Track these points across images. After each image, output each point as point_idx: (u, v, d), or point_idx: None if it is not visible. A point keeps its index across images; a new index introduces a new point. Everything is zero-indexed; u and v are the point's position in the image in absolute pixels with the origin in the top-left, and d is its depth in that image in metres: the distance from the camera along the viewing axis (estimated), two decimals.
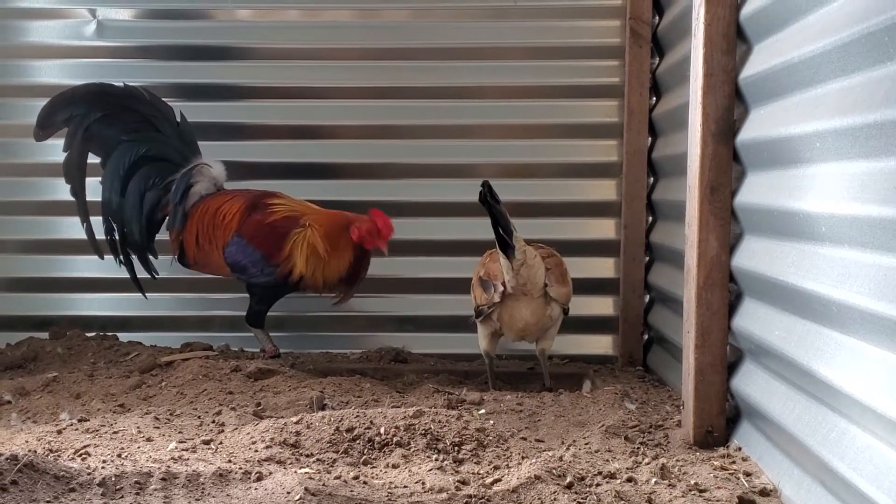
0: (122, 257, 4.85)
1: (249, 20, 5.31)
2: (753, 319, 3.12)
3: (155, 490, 2.78)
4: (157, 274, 4.91)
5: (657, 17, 4.98)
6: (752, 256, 3.12)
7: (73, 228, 4.89)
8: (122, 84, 4.83)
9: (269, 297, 4.79)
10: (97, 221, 4.85)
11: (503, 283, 4.16)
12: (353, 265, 4.69)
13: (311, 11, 5.28)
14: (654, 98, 5.03)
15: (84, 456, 3.10)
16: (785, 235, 2.87)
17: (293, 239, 4.63)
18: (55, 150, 4.84)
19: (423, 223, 5.24)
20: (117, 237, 4.84)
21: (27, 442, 3.30)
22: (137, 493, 2.76)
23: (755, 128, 3.12)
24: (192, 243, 4.75)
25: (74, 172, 4.81)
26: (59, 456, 3.10)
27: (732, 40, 3.22)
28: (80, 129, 4.77)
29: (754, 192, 3.13)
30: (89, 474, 2.86)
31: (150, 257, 4.89)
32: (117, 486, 2.80)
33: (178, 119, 4.87)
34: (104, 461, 3.02)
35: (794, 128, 2.78)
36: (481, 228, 5.03)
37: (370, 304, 4.91)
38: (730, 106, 3.23)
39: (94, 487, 2.78)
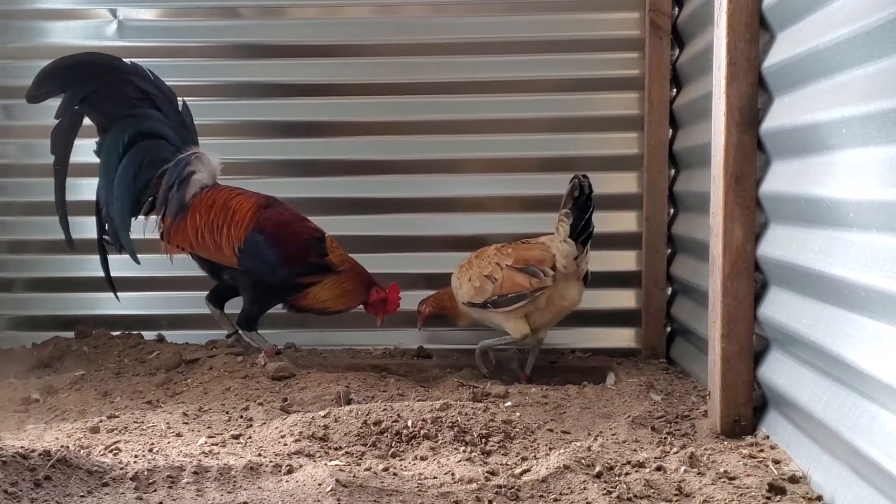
0: (110, 241, 4.76)
1: (266, 18, 5.33)
2: (780, 308, 3.12)
3: (187, 483, 2.80)
4: (139, 262, 4.81)
5: (677, 9, 4.97)
6: (778, 245, 3.12)
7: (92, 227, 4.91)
8: (129, 61, 4.79)
9: (266, 300, 4.77)
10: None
11: (552, 268, 4.35)
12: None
13: (330, 8, 5.29)
14: (675, 89, 5.03)
15: (115, 451, 3.12)
16: (811, 223, 2.87)
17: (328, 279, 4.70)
18: (77, 150, 4.85)
19: (447, 219, 5.27)
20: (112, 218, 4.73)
21: (57, 439, 3.33)
22: (170, 487, 2.78)
23: (780, 116, 3.12)
24: (190, 234, 4.66)
25: (62, 142, 4.70)
26: (90, 452, 3.12)
27: (755, 29, 3.22)
28: (77, 98, 4.67)
29: (779, 180, 3.13)
30: (122, 469, 2.88)
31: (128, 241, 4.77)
32: (150, 480, 2.82)
33: (181, 106, 4.82)
34: (136, 456, 3.05)
35: (820, 115, 2.79)
36: (504, 223, 5.15)
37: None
38: (754, 95, 3.23)
39: (127, 482, 2.80)
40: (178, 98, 4.82)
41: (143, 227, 4.76)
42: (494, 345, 4.65)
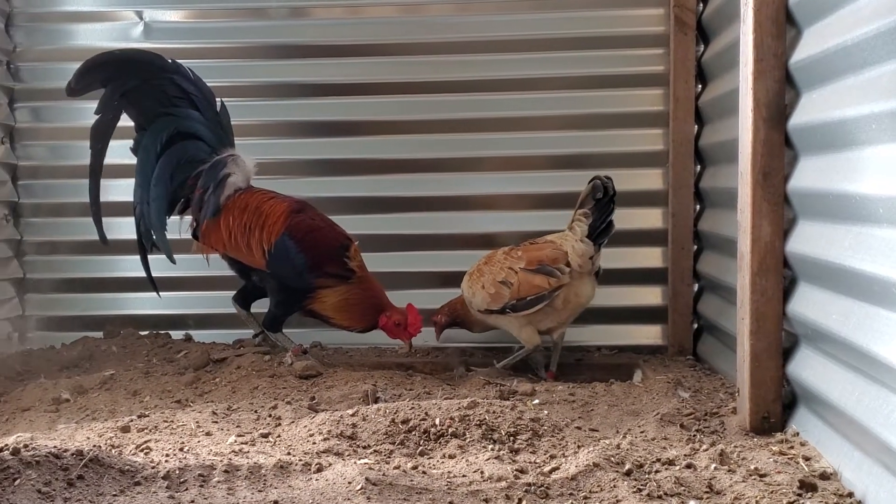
0: (147, 241, 4.75)
1: (291, 18, 5.35)
2: (809, 304, 3.11)
3: (218, 482, 2.82)
4: (175, 261, 4.78)
5: (701, 5, 4.96)
6: (807, 241, 3.11)
7: (124, 228, 4.94)
8: (171, 60, 4.81)
9: (292, 303, 4.78)
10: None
11: (567, 265, 4.38)
12: (362, 330, 4.87)
13: (355, 8, 5.31)
14: (700, 86, 5.01)
15: (146, 450, 3.14)
16: (840, 219, 2.86)
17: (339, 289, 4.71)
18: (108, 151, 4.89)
19: (471, 217, 5.28)
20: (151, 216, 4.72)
21: (89, 438, 3.35)
22: (202, 486, 2.80)
23: (807, 112, 3.11)
24: (224, 236, 4.68)
25: (101, 138, 4.71)
26: (121, 451, 3.14)
27: (782, 25, 3.21)
28: (117, 93, 4.69)
29: (808, 176, 3.12)
30: (153, 468, 2.91)
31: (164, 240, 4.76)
32: (181, 479, 2.84)
33: (219, 107, 4.84)
34: (167, 455, 3.06)
35: (849, 111, 2.78)
36: (531, 221, 5.11)
37: (418, 299, 4.91)
38: (781, 91, 3.22)
39: (159, 480, 2.82)
40: (217, 98, 4.84)
41: (178, 227, 4.77)
42: (510, 363, 4.66)
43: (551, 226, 4.65)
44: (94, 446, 3.06)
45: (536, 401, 3.84)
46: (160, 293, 4.94)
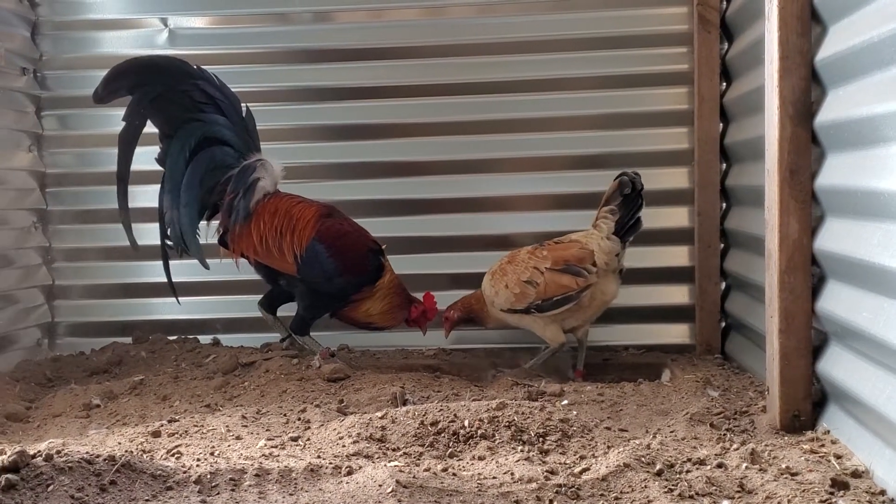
0: (174, 247, 4.72)
1: (316, 23, 5.37)
2: (838, 302, 3.10)
3: (250, 486, 2.83)
4: (208, 267, 4.76)
5: (725, 2, 4.94)
6: (835, 238, 3.10)
7: (150, 234, 4.95)
8: (196, 66, 4.78)
9: (320, 307, 4.80)
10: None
11: (594, 264, 4.40)
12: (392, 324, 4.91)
13: (378, 12, 5.32)
14: (725, 83, 4.99)
15: (177, 455, 3.16)
16: (869, 216, 2.84)
17: (380, 288, 4.75)
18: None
19: (498, 218, 5.28)
20: (180, 222, 4.68)
21: (120, 444, 3.37)
22: (233, 490, 2.81)
23: (834, 109, 3.10)
24: (255, 241, 4.66)
25: (128, 144, 4.69)
26: (153, 456, 3.15)
27: (807, 22, 3.20)
28: (145, 99, 4.66)
29: (835, 173, 3.10)
30: (185, 472, 2.92)
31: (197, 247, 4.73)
32: (213, 483, 2.85)
33: (244, 112, 4.82)
34: (198, 459, 3.08)
35: (876, 107, 2.76)
36: (552, 221, 5.12)
37: (442, 301, 4.91)
38: (807, 88, 3.20)
39: (191, 485, 2.83)
40: (242, 104, 4.83)
41: (206, 233, 4.79)
42: (537, 363, 4.65)
43: (579, 226, 4.64)
44: (126, 451, 3.09)
45: (565, 401, 3.84)
46: (179, 299, 4.93)
